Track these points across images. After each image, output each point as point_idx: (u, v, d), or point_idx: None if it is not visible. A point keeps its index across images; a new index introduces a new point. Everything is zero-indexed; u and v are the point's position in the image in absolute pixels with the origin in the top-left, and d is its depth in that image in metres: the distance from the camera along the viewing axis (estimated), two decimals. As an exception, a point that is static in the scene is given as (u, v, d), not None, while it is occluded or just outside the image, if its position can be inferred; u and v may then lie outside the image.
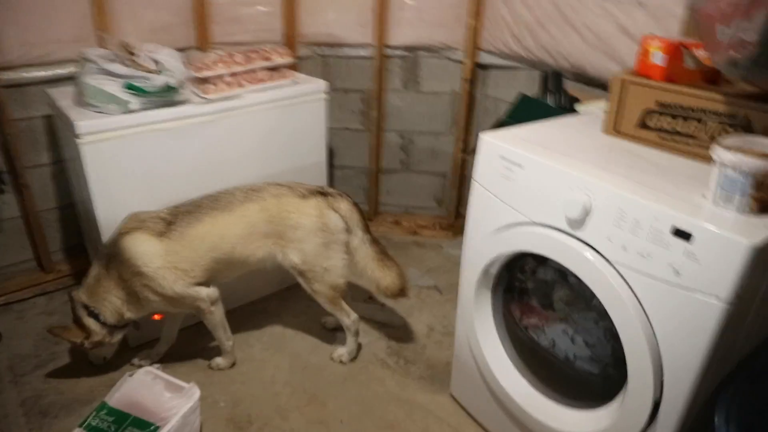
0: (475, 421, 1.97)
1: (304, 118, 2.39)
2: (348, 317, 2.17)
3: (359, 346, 2.27)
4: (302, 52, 2.93)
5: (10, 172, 2.44)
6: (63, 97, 2.14)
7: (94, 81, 1.97)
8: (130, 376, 1.83)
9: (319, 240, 2.01)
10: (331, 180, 2.73)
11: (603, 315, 1.41)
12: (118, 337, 2.05)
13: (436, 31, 2.85)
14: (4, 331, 2.39)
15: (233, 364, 2.20)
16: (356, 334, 2.22)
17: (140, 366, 2.10)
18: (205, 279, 1.99)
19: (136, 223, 1.92)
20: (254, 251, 2.01)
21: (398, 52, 2.92)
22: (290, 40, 2.88)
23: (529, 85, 2.64)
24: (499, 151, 1.59)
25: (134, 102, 1.97)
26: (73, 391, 2.08)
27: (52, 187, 2.59)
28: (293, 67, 2.44)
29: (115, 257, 1.90)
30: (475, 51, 2.83)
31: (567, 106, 2.19)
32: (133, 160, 2.02)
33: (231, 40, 2.83)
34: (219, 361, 2.18)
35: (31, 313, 2.52)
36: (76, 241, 2.73)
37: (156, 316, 2.20)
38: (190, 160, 2.15)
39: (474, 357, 1.86)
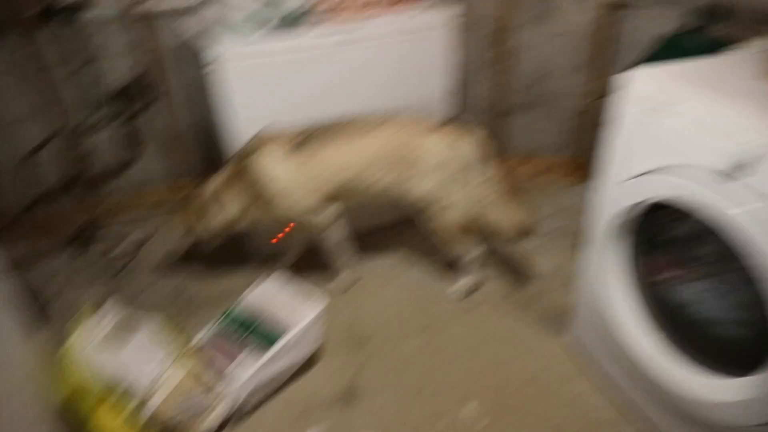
0: (590, 372, 1.91)
1: (432, 48, 2.30)
2: (467, 253, 2.15)
3: (477, 283, 2.26)
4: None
5: (155, 89, 2.61)
6: (198, 24, 2.23)
7: (227, 8, 2.06)
8: (263, 280, 1.96)
9: (446, 174, 1.99)
10: (456, 115, 2.65)
11: (757, 277, 1.28)
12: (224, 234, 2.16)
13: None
14: (151, 232, 2.65)
15: (347, 289, 2.29)
16: (475, 270, 2.20)
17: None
18: (327, 201, 2.04)
19: (269, 137, 1.98)
20: (379, 179, 2.02)
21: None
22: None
23: (677, 21, 2.35)
24: (647, 90, 1.45)
25: (264, 27, 2.02)
26: (211, 290, 2.30)
27: (190, 105, 2.74)
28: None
29: (247, 165, 1.97)
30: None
31: (721, 45, 1.94)
32: (262, 83, 2.06)
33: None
34: (337, 282, 2.27)
35: (174, 218, 2.75)
36: (213, 155, 2.89)
37: (277, 237, 2.32)
38: (316, 86, 2.16)
39: (598, 307, 1.78)
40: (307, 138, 1.98)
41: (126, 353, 1.48)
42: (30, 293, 2.20)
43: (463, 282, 2.23)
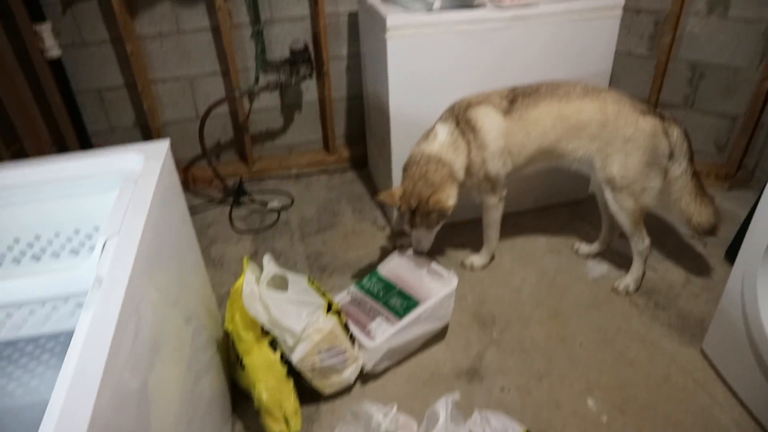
0: (725, 382, 1.82)
1: (594, 34, 2.28)
2: (643, 242, 2.12)
3: (644, 275, 2.22)
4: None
5: (316, 60, 2.80)
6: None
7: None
8: (400, 253, 2.06)
9: (646, 158, 1.95)
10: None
11: None
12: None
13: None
14: (295, 196, 2.86)
15: (485, 266, 2.33)
16: (645, 261, 2.17)
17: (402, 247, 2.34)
18: (522, 167, 2.07)
19: (482, 97, 2.01)
20: (576, 149, 2.02)
21: (710, -30, 2.56)
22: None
23: None
24: None
25: (437, 1, 2.07)
26: (345, 258, 2.42)
27: (345, 78, 2.92)
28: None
29: (466, 124, 1.97)
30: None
31: None
32: (428, 57, 2.15)
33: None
34: (474, 259, 2.32)
35: (316, 186, 2.96)
36: (356, 130, 3.07)
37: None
38: (479, 63, 2.21)
39: (746, 319, 1.69)
40: (515, 97, 2.00)
41: (282, 302, 1.63)
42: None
43: (635, 272, 2.18)
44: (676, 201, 2.06)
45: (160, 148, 1.45)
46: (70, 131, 2.68)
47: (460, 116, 1.98)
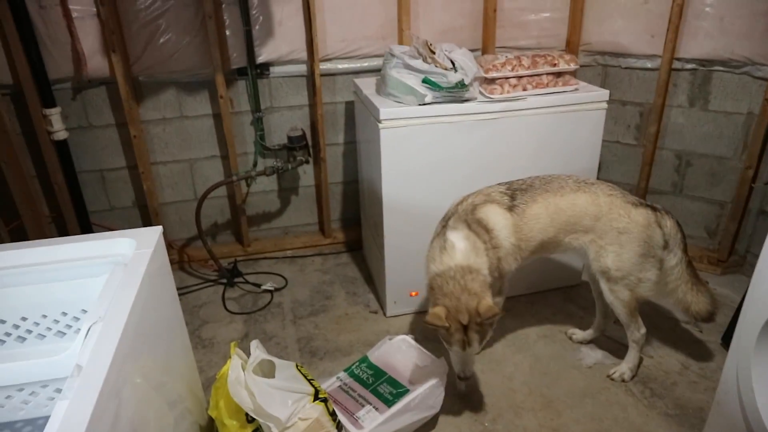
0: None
1: (581, 126, 2.37)
2: (638, 330, 2.10)
3: (640, 363, 2.19)
4: (582, 60, 2.90)
5: (314, 146, 2.89)
6: (366, 86, 2.46)
7: (397, 74, 2.23)
8: (390, 339, 2.04)
9: (640, 250, 1.96)
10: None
11: None
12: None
13: (739, 44, 2.55)
14: (289, 278, 2.86)
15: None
16: (641, 348, 2.15)
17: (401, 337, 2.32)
18: (525, 260, 2.06)
19: (483, 196, 1.99)
20: (571, 241, 2.02)
21: (689, 66, 2.70)
22: (572, 46, 2.87)
23: None
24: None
25: (429, 95, 2.17)
26: (336, 342, 2.39)
27: (341, 163, 3.01)
28: (574, 74, 2.43)
29: (478, 225, 1.91)
30: (788, 69, 2.47)
31: None
32: (420, 146, 2.22)
33: (513, 45, 2.93)
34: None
35: (310, 268, 2.97)
36: (351, 214, 3.13)
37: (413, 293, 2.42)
38: (469, 154, 2.29)
39: (744, 412, 1.65)
40: (513, 192, 2.01)
41: (268, 388, 1.60)
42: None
43: (630, 361, 2.16)
44: (673, 290, 2.06)
45: (152, 234, 1.48)
46: (70, 209, 2.72)
47: (469, 219, 1.93)
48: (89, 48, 2.51)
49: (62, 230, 2.79)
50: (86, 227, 2.75)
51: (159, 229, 1.52)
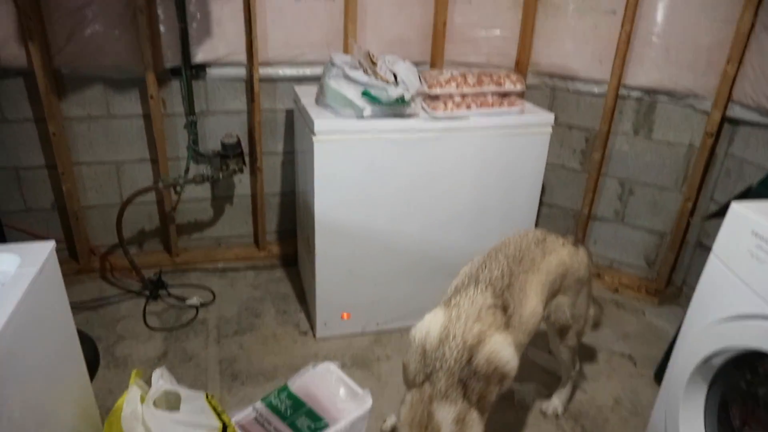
0: None
1: (526, 148, 2.30)
2: (574, 366, 2.03)
3: (572, 397, 2.14)
4: (530, 81, 2.85)
5: (250, 155, 2.75)
6: (305, 94, 2.33)
7: (336, 84, 2.12)
8: (313, 367, 1.91)
9: (585, 290, 1.87)
10: (537, 217, 2.60)
11: None
12: None
13: (683, 75, 2.55)
14: (217, 293, 2.70)
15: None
16: (574, 382, 2.11)
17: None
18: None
19: (480, 324, 1.44)
20: (544, 310, 1.68)
21: (634, 94, 2.69)
22: (521, 66, 2.82)
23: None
24: (753, 226, 1.35)
25: (368, 109, 2.06)
26: (261, 365, 2.25)
27: (279, 173, 2.87)
28: (521, 95, 2.38)
29: (478, 380, 1.39)
30: (728, 102, 2.48)
31: None
32: (356, 162, 2.11)
33: (462, 60, 2.86)
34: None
35: (241, 283, 2.81)
36: (288, 227, 2.99)
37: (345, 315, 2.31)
38: (408, 171, 2.19)
39: (672, 453, 1.61)
40: (502, 296, 1.53)
41: (169, 424, 1.45)
42: (89, 338, 2.29)
43: (565, 395, 2.09)
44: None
45: (41, 249, 1.32)
46: (-23, 209, 2.50)
47: (466, 376, 1.39)
48: (2, 34, 2.29)
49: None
50: (-2, 228, 2.53)
51: (51, 244, 1.35)
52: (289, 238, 3.01)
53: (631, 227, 2.90)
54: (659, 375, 2.22)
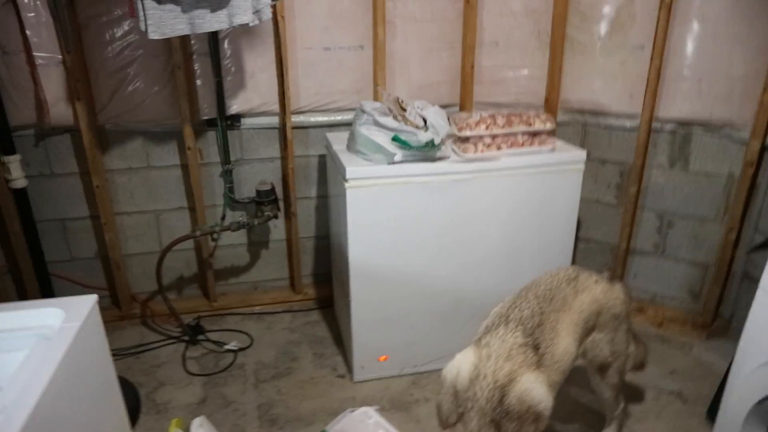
0: None
1: (558, 186, 2.30)
2: (619, 406, 1.98)
3: None
4: (561, 118, 2.85)
5: (285, 200, 2.80)
6: (337, 141, 2.38)
7: (367, 131, 2.16)
8: (351, 412, 1.90)
9: (624, 326, 1.80)
10: (574, 253, 2.56)
11: None
12: None
13: (717, 106, 2.51)
14: (255, 337, 2.72)
15: None
16: (621, 424, 2.05)
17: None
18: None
19: (510, 363, 1.44)
20: (578, 348, 1.68)
21: (668, 126, 2.65)
22: (551, 104, 2.83)
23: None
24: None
25: (399, 154, 2.09)
26: (298, 409, 2.24)
27: (314, 218, 2.91)
28: (551, 133, 2.38)
29: (512, 419, 1.39)
30: (767, 131, 2.42)
31: None
32: (389, 206, 2.13)
33: (491, 101, 2.89)
34: None
35: (278, 326, 2.83)
36: (323, 269, 3.01)
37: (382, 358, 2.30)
38: (440, 214, 2.20)
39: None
40: (533, 335, 1.53)
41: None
42: (131, 384, 2.33)
43: None
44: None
45: (84, 303, 1.36)
46: (27, 260, 2.60)
47: (498, 416, 1.39)
48: (53, 95, 2.43)
49: (18, 281, 2.66)
50: (44, 278, 2.62)
51: (93, 298, 1.40)
52: (324, 281, 3.03)
53: (673, 260, 2.82)
54: (712, 413, 2.13)
